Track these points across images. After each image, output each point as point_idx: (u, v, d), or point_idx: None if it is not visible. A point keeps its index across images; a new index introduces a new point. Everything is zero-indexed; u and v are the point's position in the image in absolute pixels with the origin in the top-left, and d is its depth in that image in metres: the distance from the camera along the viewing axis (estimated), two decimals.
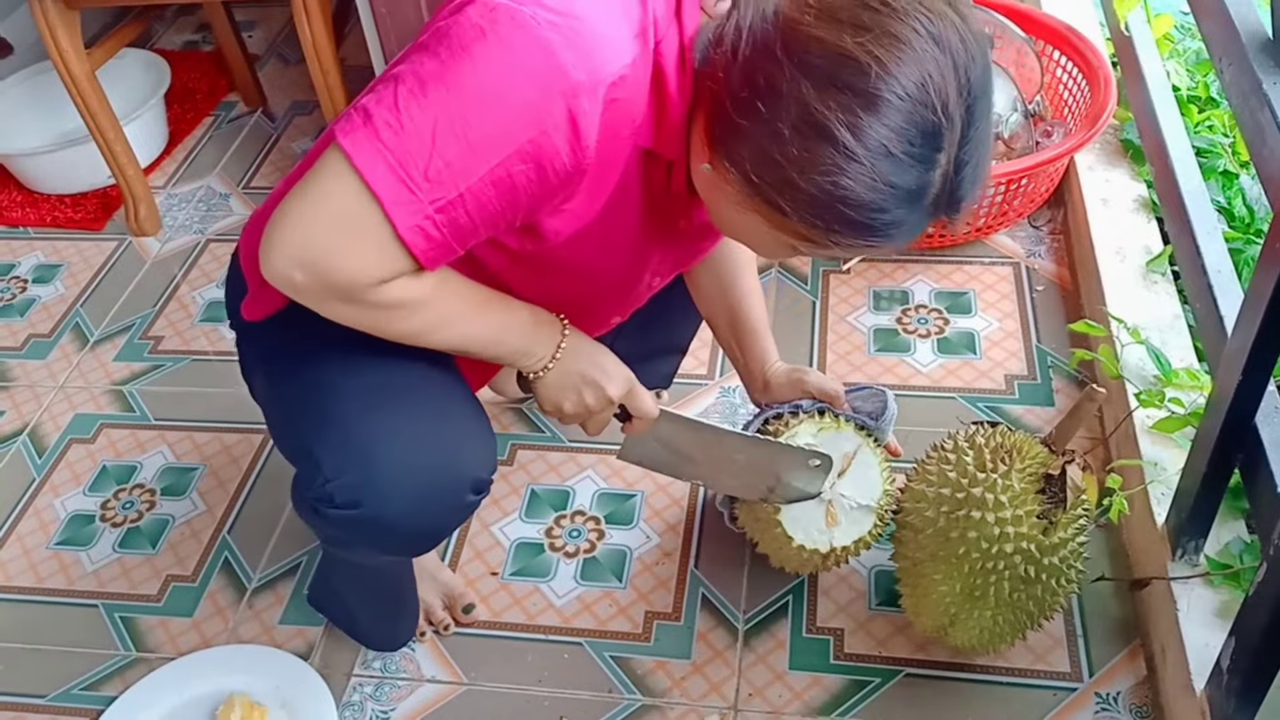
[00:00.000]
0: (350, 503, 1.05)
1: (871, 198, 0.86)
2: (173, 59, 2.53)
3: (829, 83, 0.83)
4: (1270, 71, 1.22)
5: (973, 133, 0.88)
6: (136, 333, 1.95)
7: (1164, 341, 1.58)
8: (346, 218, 0.90)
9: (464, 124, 0.87)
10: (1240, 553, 1.29)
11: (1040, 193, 1.94)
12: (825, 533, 1.29)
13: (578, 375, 1.14)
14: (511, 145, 0.89)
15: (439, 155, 0.88)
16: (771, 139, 0.86)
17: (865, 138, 0.84)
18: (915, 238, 0.93)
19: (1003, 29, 2.07)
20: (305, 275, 0.92)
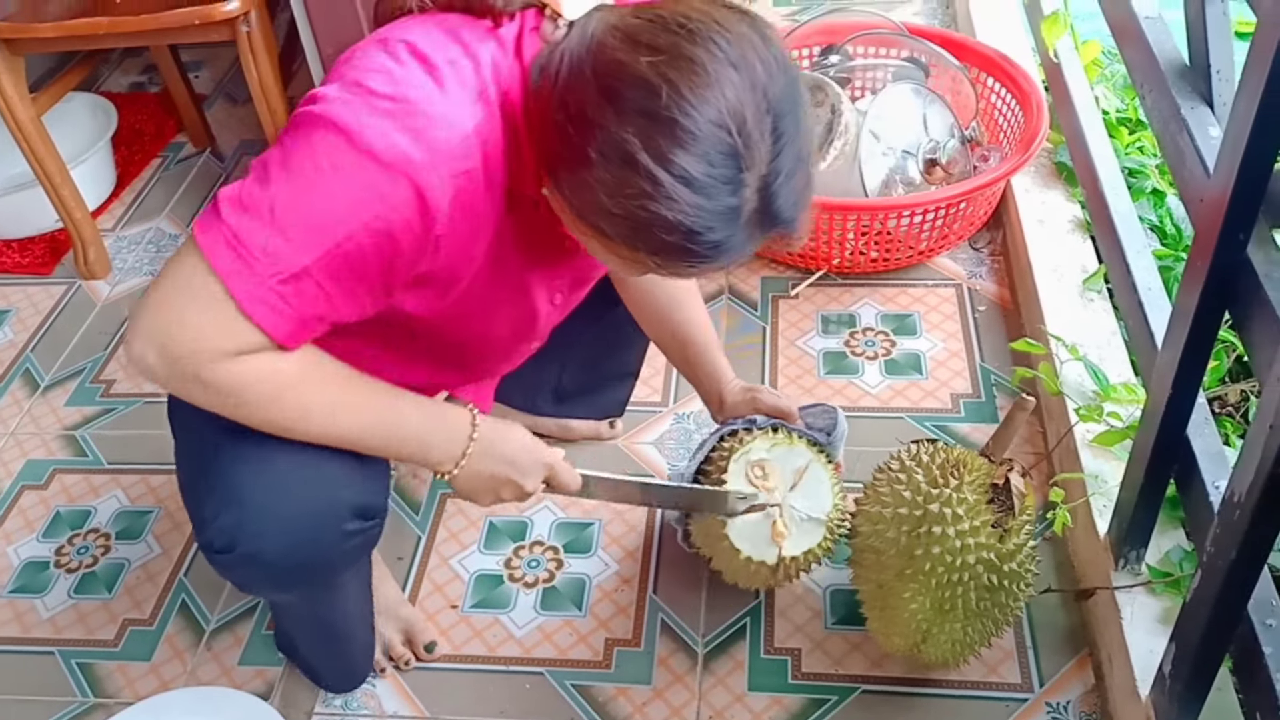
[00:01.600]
0: (226, 546, 1.05)
1: (683, 222, 0.86)
2: (119, 101, 2.53)
3: (628, 108, 0.85)
4: (1188, 97, 1.27)
5: (782, 149, 0.89)
6: (88, 376, 1.94)
7: (1101, 357, 1.63)
8: (189, 294, 0.92)
9: (304, 203, 0.90)
10: (1180, 560, 1.34)
11: (979, 216, 2.00)
12: (773, 545, 1.31)
13: (489, 477, 1.14)
14: (356, 221, 0.91)
15: (278, 231, 0.90)
16: (584, 165, 0.88)
17: (666, 164, 0.84)
18: (749, 252, 0.94)
19: (938, 58, 2.14)
20: (156, 355, 0.94)
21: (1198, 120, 1.23)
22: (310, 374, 1.00)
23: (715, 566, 1.39)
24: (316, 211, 0.90)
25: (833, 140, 1.91)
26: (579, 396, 1.65)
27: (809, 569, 1.36)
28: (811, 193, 0.95)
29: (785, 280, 2.00)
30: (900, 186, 1.97)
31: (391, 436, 1.08)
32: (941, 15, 2.74)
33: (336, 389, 1.03)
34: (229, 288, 0.91)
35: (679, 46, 0.85)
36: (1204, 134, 1.21)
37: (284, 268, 0.91)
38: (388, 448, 1.10)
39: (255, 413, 0.99)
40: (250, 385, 0.97)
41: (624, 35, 0.88)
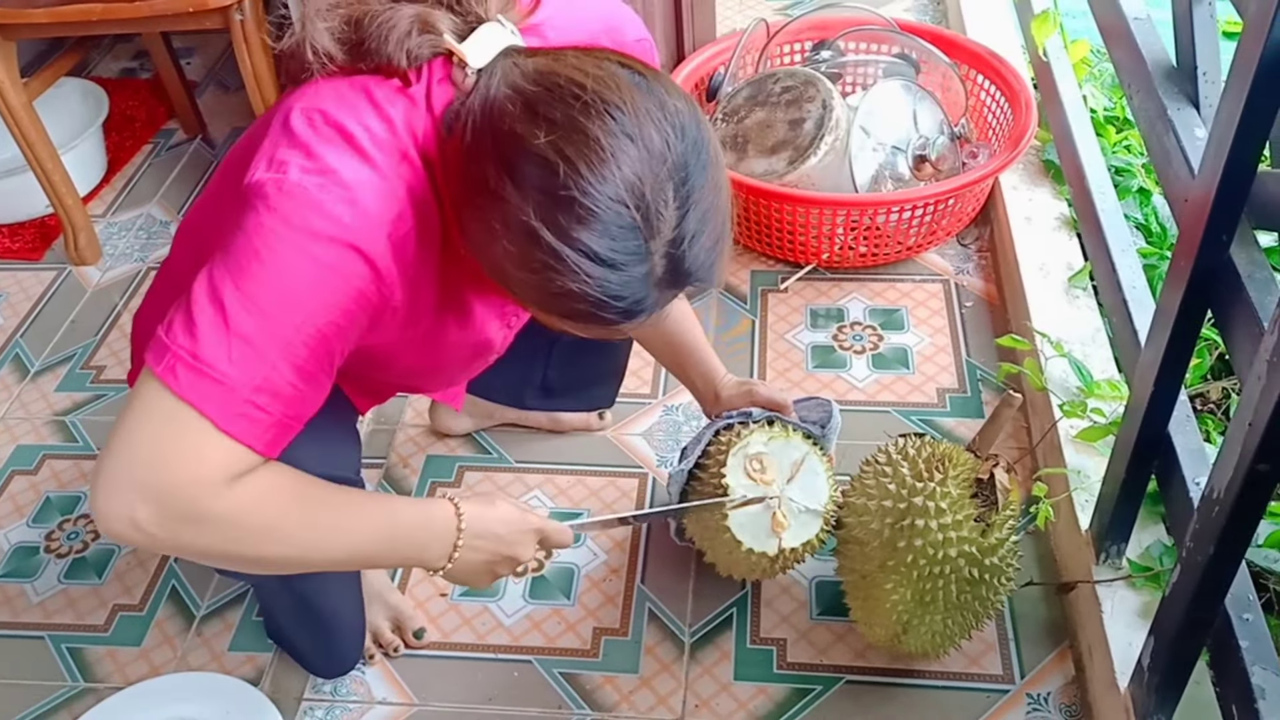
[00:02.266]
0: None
1: (590, 293, 0.86)
2: (110, 87, 2.52)
3: (528, 184, 0.84)
4: (1174, 98, 1.29)
5: (686, 212, 0.88)
6: (78, 362, 1.95)
7: (1086, 354, 1.65)
8: (161, 429, 0.88)
9: (258, 303, 0.88)
10: (1160, 555, 1.36)
11: (967, 212, 2.01)
12: (773, 536, 1.32)
13: (482, 563, 1.13)
14: (315, 307, 0.90)
15: (238, 340, 0.88)
16: (489, 235, 0.87)
17: (569, 241, 0.84)
18: (663, 310, 0.93)
19: (929, 55, 2.15)
20: (145, 504, 0.87)
21: (1183, 121, 1.25)
22: (304, 493, 0.98)
23: (711, 559, 1.40)
24: (272, 308, 0.88)
25: (823, 135, 1.92)
26: (567, 391, 1.66)
27: (804, 560, 1.37)
28: (725, 243, 0.93)
29: (775, 274, 2.01)
30: (890, 182, 1.98)
31: (387, 546, 1.06)
32: (933, 11, 2.75)
33: (332, 506, 1.01)
34: (201, 410, 0.87)
35: (574, 121, 0.84)
36: (1189, 135, 1.23)
37: (254, 375, 0.89)
38: (388, 557, 1.09)
39: (256, 544, 0.95)
40: (248, 512, 0.92)
41: (523, 105, 0.87)
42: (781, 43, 2.25)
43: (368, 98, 0.94)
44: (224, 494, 0.90)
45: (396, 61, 0.93)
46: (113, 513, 0.88)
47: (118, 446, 0.89)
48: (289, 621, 1.39)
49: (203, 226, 1.08)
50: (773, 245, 2.00)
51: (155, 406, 0.88)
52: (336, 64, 0.95)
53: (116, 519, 0.88)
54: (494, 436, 1.74)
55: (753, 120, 2.03)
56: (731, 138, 2.04)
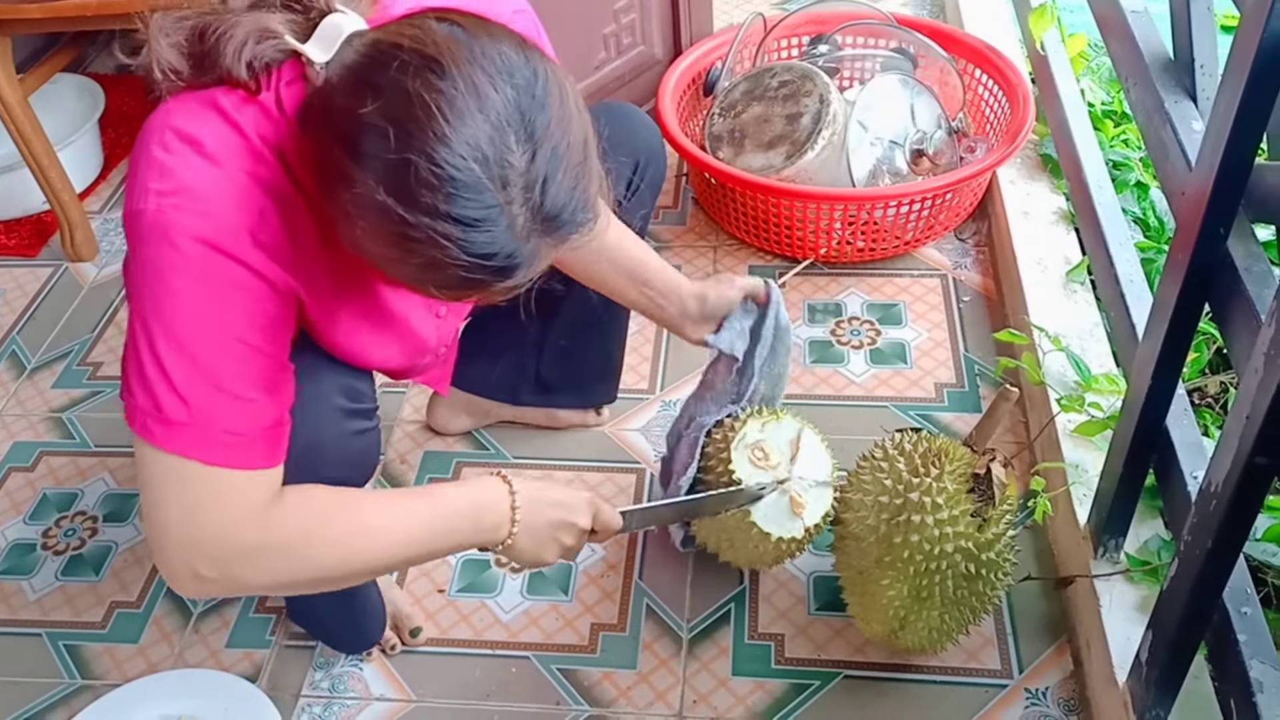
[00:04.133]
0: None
1: (460, 258, 0.84)
2: (106, 83, 2.51)
3: (365, 157, 0.82)
4: (1171, 90, 1.29)
5: (534, 154, 0.85)
6: (75, 359, 1.94)
7: (1084, 348, 1.64)
8: (174, 488, 0.91)
9: (177, 340, 0.90)
10: (1158, 549, 1.36)
11: (965, 206, 2.01)
12: (795, 519, 1.34)
13: (546, 527, 1.12)
14: (222, 321, 0.91)
15: (179, 379, 0.90)
16: (348, 220, 0.86)
17: (418, 209, 0.82)
18: (543, 259, 0.90)
19: (926, 49, 2.15)
20: (197, 559, 0.93)
21: (1181, 114, 1.25)
22: (340, 500, 1.00)
23: (728, 557, 1.41)
24: (193, 340, 0.90)
25: (821, 130, 1.92)
26: (563, 386, 1.66)
27: (822, 532, 1.39)
28: (587, 180, 0.90)
29: (772, 269, 2.01)
30: (887, 177, 1.98)
31: (445, 533, 1.06)
32: (930, 6, 2.74)
33: (374, 506, 1.02)
34: (191, 456, 0.90)
35: (397, 84, 0.82)
36: (1187, 128, 1.23)
37: (213, 406, 0.91)
38: (447, 542, 1.07)
39: (311, 559, 0.97)
40: (291, 530, 0.96)
41: (351, 79, 0.85)
42: (779, 37, 2.25)
43: (215, 109, 0.92)
44: (261, 523, 0.94)
45: (236, 73, 0.91)
46: (177, 576, 0.94)
47: (148, 513, 0.94)
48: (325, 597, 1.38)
49: None
50: (770, 240, 2.00)
51: (156, 468, 0.92)
52: (184, 79, 0.93)
53: (183, 580, 0.94)
54: (491, 433, 1.73)
55: (750, 115, 2.02)
56: (729, 132, 2.04)
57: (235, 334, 0.92)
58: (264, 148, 0.93)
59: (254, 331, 0.94)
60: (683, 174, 2.23)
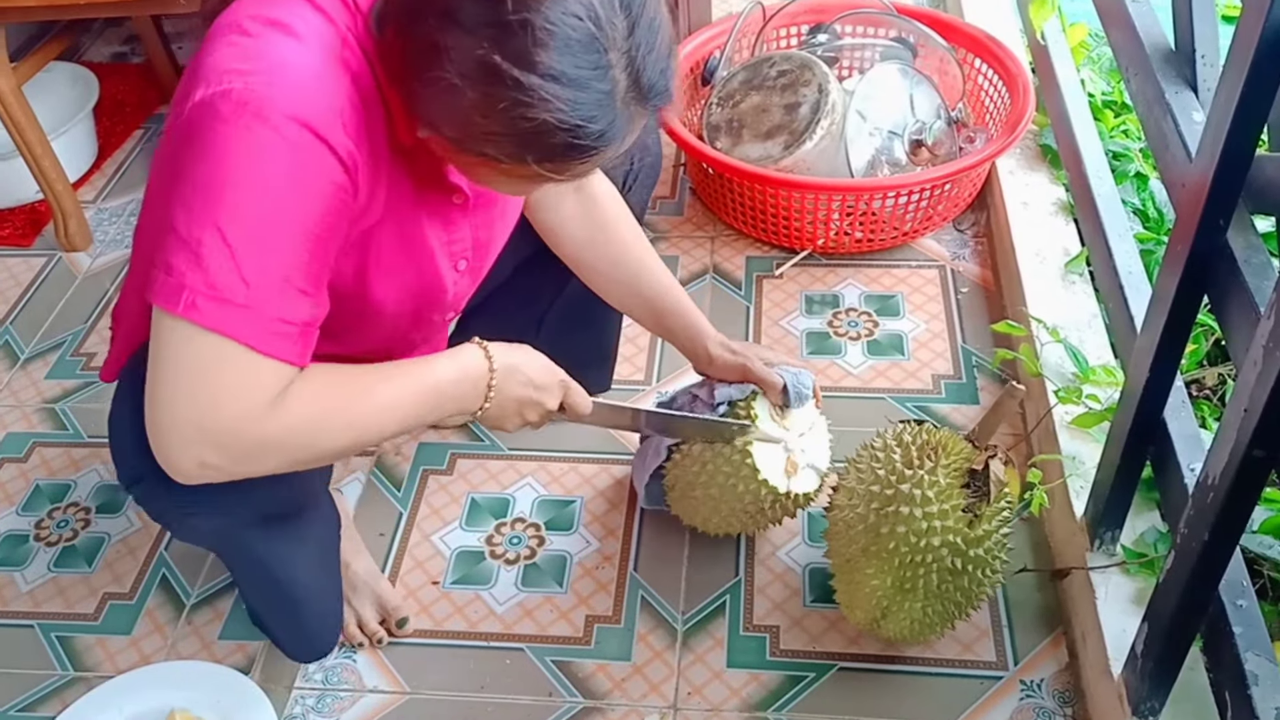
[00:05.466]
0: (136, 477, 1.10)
1: (564, 120, 0.86)
2: (101, 71, 2.50)
3: (473, 23, 0.83)
4: (1172, 81, 1.27)
5: (635, 21, 0.88)
6: (68, 349, 1.93)
7: (1081, 340, 1.64)
8: (207, 369, 0.89)
9: (249, 219, 0.88)
10: (1154, 542, 1.35)
11: (964, 197, 2.00)
12: (784, 478, 1.35)
13: (514, 402, 1.15)
14: (297, 204, 0.90)
15: (246, 260, 0.88)
16: (449, 94, 0.86)
17: (530, 66, 0.83)
18: (633, 132, 0.93)
19: (926, 38, 2.13)
20: (210, 448, 0.90)
21: (1181, 105, 1.23)
22: (345, 385, 0.99)
23: (694, 512, 1.41)
24: (266, 220, 0.88)
25: (819, 120, 1.91)
26: None
27: (794, 514, 1.41)
28: (676, 58, 0.94)
29: (770, 260, 2.00)
30: (886, 167, 1.97)
31: (434, 406, 1.08)
32: None
33: (374, 389, 1.02)
34: (236, 339, 0.89)
35: None
36: (1187, 119, 1.22)
37: (272, 291, 0.90)
38: (434, 415, 1.09)
39: (318, 445, 0.97)
40: (303, 423, 0.95)
41: None
42: (778, 26, 2.23)
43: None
44: (276, 415, 0.92)
45: None
46: (182, 465, 0.91)
47: (167, 395, 0.90)
48: (261, 603, 1.38)
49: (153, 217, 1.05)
50: (768, 231, 1.99)
51: (189, 346, 0.89)
52: None
53: (187, 470, 0.91)
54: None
55: (748, 104, 2.01)
56: (727, 122, 2.02)
57: (310, 224, 0.91)
58: (350, 36, 0.93)
59: (325, 225, 0.93)
60: (680, 164, 2.22)
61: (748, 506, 1.36)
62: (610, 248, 1.36)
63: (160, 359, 0.90)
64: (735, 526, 1.41)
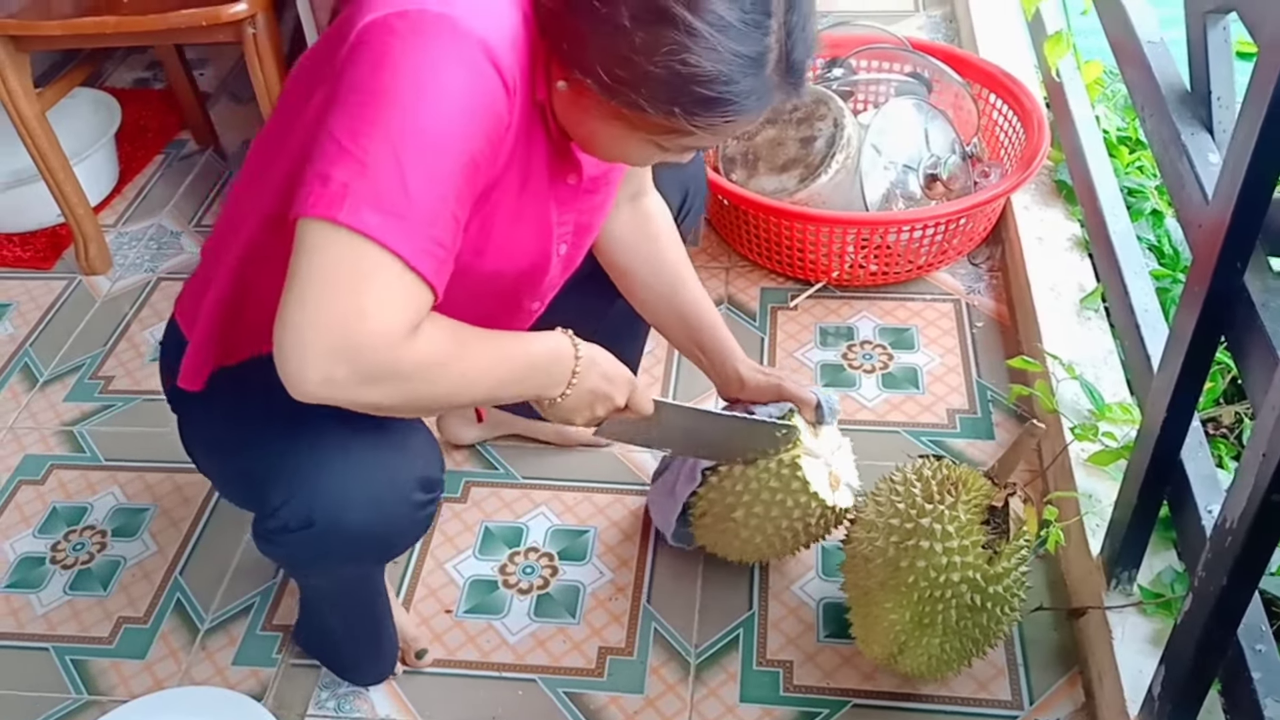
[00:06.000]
0: (304, 522, 1.06)
1: (718, 70, 0.89)
2: (123, 97, 2.53)
3: None
4: (1188, 122, 1.28)
5: (791, 7, 0.92)
6: (87, 372, 1.95)
7: (1097, 376, 1.64)
8: (354, 276, 0.86)
9: (418, 133, 0.88)
10: (1171, 582, 1.35)
11: (979, 231, 2.01)
12: (831, 492, 1.37)
13: (590, 394, 1.15)
14: (464, 125, 0.90)
15: (411, 173, 0.87)
16: (615, 34, 0.89)
17: (702, 13, 0.87)
18: (765, 109, 0.95)
19: (941, 74, 2.15)
20: (341, 363, 0.86)
21: (1197, 146, 1.24)
22: (462, 338, 0.99)
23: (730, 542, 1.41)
24: (432, 135, 0.88)
25: (834, 154, 1.92)
26: None
27: (830, 532, 1.42)
28: (819, 48, 0.98)
29: (784, 291, 2.01)
30: (901, 201, 1.98)
31: (522, 379, 1.08)
32: (945, 30, 2.75)
33: (483, 348, 1.02)
34: (394, 249, 0.86)
35: None
36: (1203, 160, 1.22)
37: (431, 207, 0.89)
38: (521, 388, 1.08)
39: (435, 391, 0.95)
40: (427, 363, 0.93)
41: None
42: None
43: None
44: (410, 345, 0.90)
45: None
46: (308, 376, 0.87)
47: (311, 301, 0.86)
48: (344, 622, 1.38)
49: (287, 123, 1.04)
50: (783, 263, 1.99)
51: (345, 253, 0.86)
52: None
53: (311, 382, 0.87)
54: (500, 453, 1.73)
55: (763, 137, 2.02)
56: (742, 154, 2.04)
57: (473, 148, 0.91)
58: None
59: (484, 154, 0.93)
60: None
61: (795, 524, 1.36)
62: (655, 258, 1.38)
63: (308, 266, 0.87)
64: (772, 550, 1.41)
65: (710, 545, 1.46)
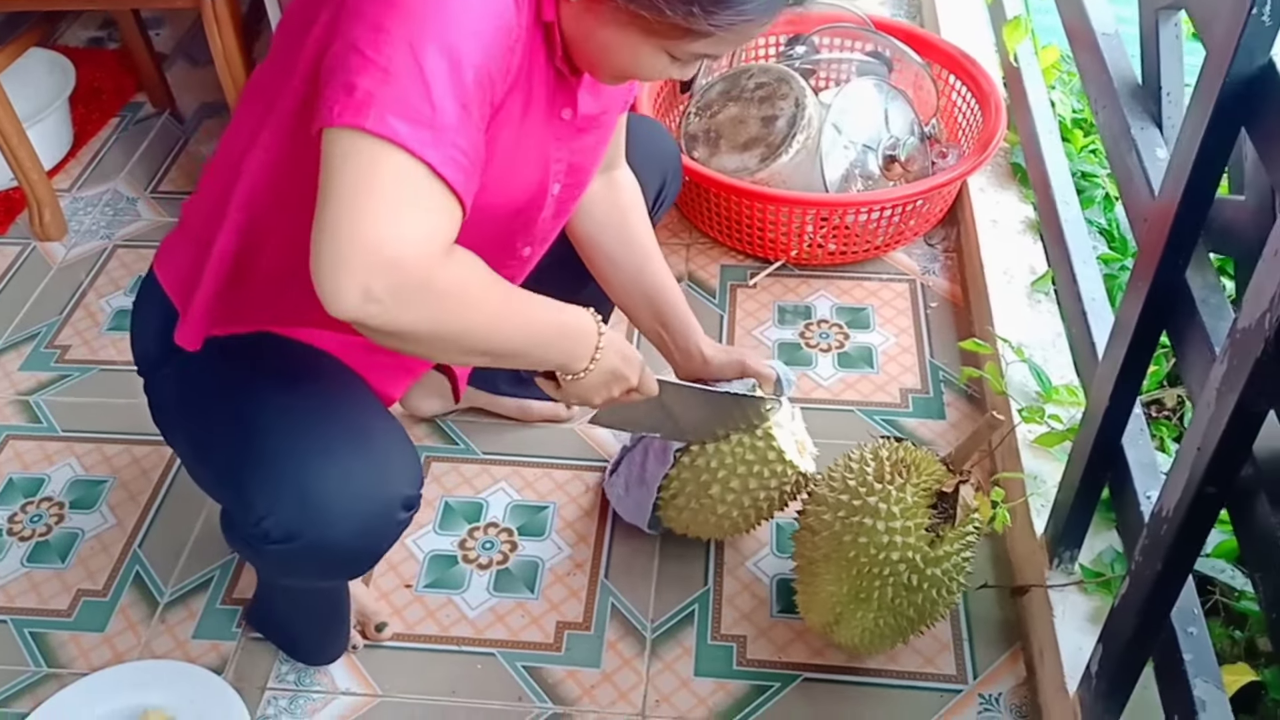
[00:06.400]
0: (287, 536, 1.06)
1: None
2: (77, 56, 2.48)
3: None
4: (1138, 116, 1.31)
5: None
6: (42, 341, 1.93)
7: (1045, 359, 1.68)
8: (387, 186, 0.85)
9: (439, 41, 0.87)
10: (1111, 561, 1.39)
11: (935, 213, 2.04)
12: (800, 458, 1.42)
13: (609, 373, 1.17)
14: (482, 40, 0.90)
15: (435, 81, 0.87)
16: None
17: None
18: (775, 13, 0.97)
19: (902, 54, 2.16)
20: (382, 277, 0.85)
21: (1146, 141, 1.27)
22: (495, 278, 0.98)
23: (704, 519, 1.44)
24: (455, 48, 0.87)
25: (795, 134, 1.94)
26: None
27: (795, 497, 1.44)
28: None
29: (744, 269, 2.03)
30: (860, 180, 2.00)
31: (549, 343, 1.08)
32: (907, 6, 2.76)
33: (516, 293, 1.02)
34: (423, 158, 0.86)
35: None
36: (1151, 155, 1.25)
37: (454, 115, 0.88)
38: (542, 352, 1.09)
39: (467, 321, 0.94)
40: (464, 286, 0.92)
41: None
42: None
43: None
44: (448, 264, 0.90)
45: None
46: (347, 293, 0.85)
47: (346, 214, 0.85)
48: (296, 613, 1.40)
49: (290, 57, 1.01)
50: (743, 240, 2.01)
51: (377, 162, 0.85)
52: None
53: (351, 298, 0.85)
54: (461, 427, 1.75)
55: (726, 115, 2.04)
56: (704, 132, 2.05)
57: (488, 62, 0.91)
58: None
59: (497, 67, 0.93)
60: None
61: (771, 493, 1.40)
62: (624, 231, 1.39)
63: (340, 178, 0.86)
64: (746, 522, 1.45)
65: (681, 527, 1.49)
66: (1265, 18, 0.93)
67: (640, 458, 1.49)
